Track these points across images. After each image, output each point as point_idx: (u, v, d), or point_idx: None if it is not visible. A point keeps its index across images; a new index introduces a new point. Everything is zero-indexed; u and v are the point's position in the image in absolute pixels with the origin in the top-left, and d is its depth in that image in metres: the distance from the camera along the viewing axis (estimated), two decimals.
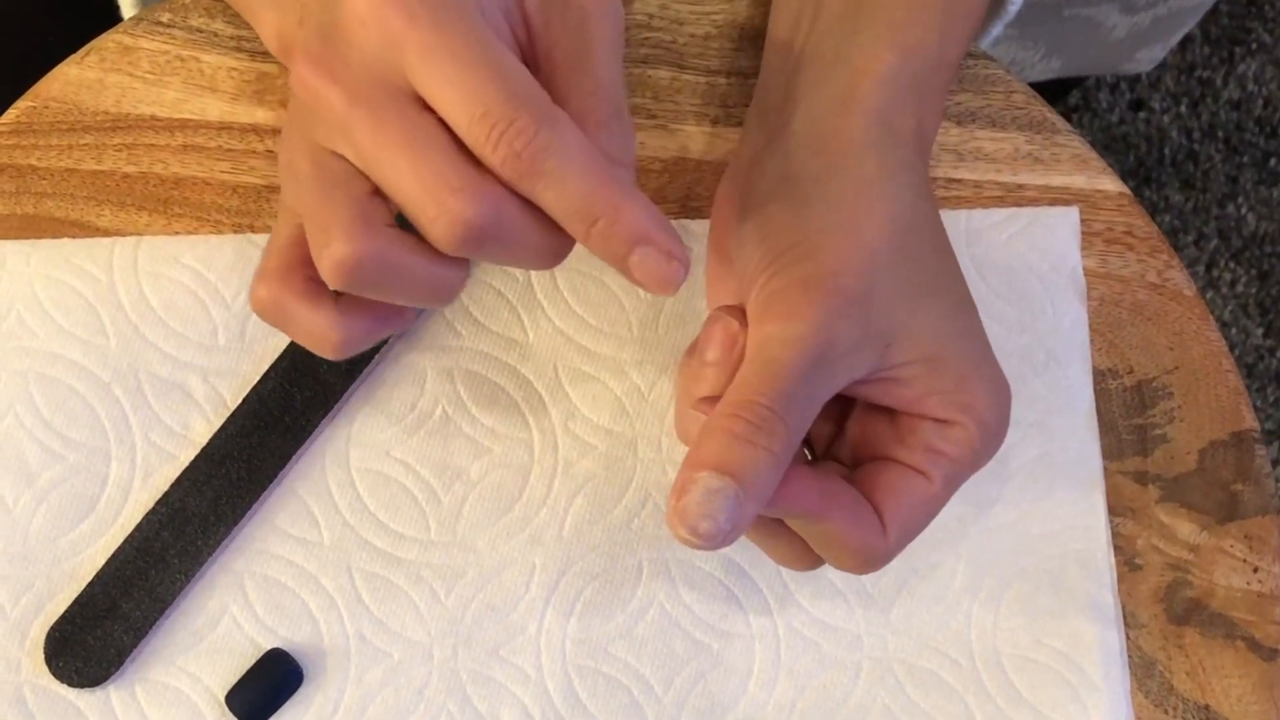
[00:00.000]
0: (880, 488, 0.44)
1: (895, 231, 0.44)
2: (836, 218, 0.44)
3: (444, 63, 0.37)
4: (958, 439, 0.44)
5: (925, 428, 0.44)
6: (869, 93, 0.46)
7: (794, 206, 0.45)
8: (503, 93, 0.37)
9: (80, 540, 0.51)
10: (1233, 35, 1.34)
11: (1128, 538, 0.54)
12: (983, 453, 0.45)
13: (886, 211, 0.44)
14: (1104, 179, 0.56)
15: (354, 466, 0.52)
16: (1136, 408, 0.55)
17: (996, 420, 0.45)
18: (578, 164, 0.38)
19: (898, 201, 0.45)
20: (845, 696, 0.52)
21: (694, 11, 0.57)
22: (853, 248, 0.44)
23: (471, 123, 0.37)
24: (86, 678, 0.50)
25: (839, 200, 0.45)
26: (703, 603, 0.52)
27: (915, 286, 0.44)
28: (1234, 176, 1.31)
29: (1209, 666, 0.53)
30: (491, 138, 0.37)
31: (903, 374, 0.44)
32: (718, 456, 0.40)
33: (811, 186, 0.45)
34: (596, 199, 0.38)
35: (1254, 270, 1.30)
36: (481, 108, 0.37)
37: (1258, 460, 0.54)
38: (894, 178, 0.45)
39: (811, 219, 0.44)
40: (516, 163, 0.37)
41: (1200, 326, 0.55)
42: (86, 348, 0.52)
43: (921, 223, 0.46)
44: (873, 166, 0.45)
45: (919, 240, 0.45)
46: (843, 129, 0.46)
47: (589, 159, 0.38)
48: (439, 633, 0.51)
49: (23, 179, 0.54)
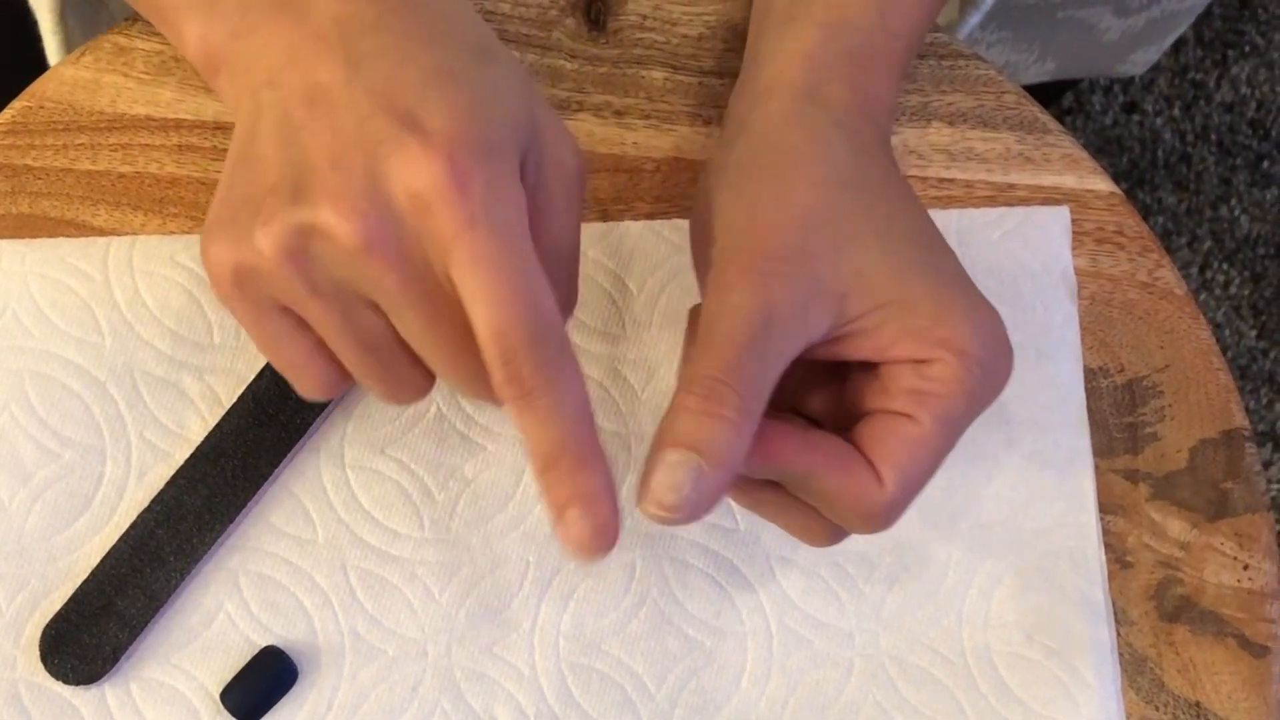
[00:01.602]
0: (867, 438, 0.43)
1: (829, 189, 0.45)
2: (765, 190, 0.45)
3: (487, 276, 0.39)
4: (939, 375, 0.43)
5: (904, 371, 0.43)
6: (794, 72, 0.48)
7: (730, 193, 0.46)
8: (529, 323, 0.39)
9: (75, 538, 0.51)
10: (1225, 38, 1.35)
11: (1118, 535, 0.54)
12: (976, 387, 0.43)
13: (815, 173, 0.45)
14: (1095, 179, 0.57)
15: (348, 464, 0.52)
16: (1127, 406, 0.55)
17: (982, 349, 0.43)
18: (566, 415, 0.40)
19: (827, 162, 0.46)
20: (837, 693, 0.52)
21: (687, 13, 0.57)
22: (781, 212, 0.44)
23: (492, 338, 0.39)
24: (82, 675, 0.50)
25: (766, 174, 0.45)
26: (695, 600, 0.52)
27: (863, 236, 0.44)
28: (1227, 179, 1.32)
29: (1200, 663, 0.53)
30: (503, 356, 0.39)
31: (867, 323, 0.43)
32: (675, 433, 0.41)
33: (744, 170, 0.46)
34: (566, 448, 0.40)
35: (1247, 272, 1.30)
36: (504, 328, 0.39)
37: (1248, 458, 0.55)
38: (821, 141, 0.46)
39: (742, 198, 0.45)
40: (516, 387, 0.39)
41: (1190, 325, 0.55)
42: (82, 346, 0.53)
43: (863, 176, 0.46)
44: (797, 137, 0.46)
45: (861, 192, 0.45)
46: (770, 110, 0.47)
47: (578, 413, 0.40)
48: (433, 630, 0.52)
49: (18, 179, 0.54)
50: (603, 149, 0.56)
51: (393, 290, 0.40)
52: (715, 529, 0.53)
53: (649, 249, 0.55)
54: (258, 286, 0.41)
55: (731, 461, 0.41)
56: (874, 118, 0.48)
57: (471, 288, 0.39)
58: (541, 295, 0.39)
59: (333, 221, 0.39)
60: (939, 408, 0.43)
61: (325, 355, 0.43)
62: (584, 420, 0.40)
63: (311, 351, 0.43)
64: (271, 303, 0.42)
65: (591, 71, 0.56)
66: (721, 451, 0.41)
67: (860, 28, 0.49)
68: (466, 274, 0.39)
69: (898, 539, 0.53)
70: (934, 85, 0.57)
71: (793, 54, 0.49)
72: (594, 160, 0.55)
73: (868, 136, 0.47)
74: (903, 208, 0.46)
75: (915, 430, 0.43)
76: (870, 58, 0.49)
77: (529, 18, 0.57)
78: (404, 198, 0.39)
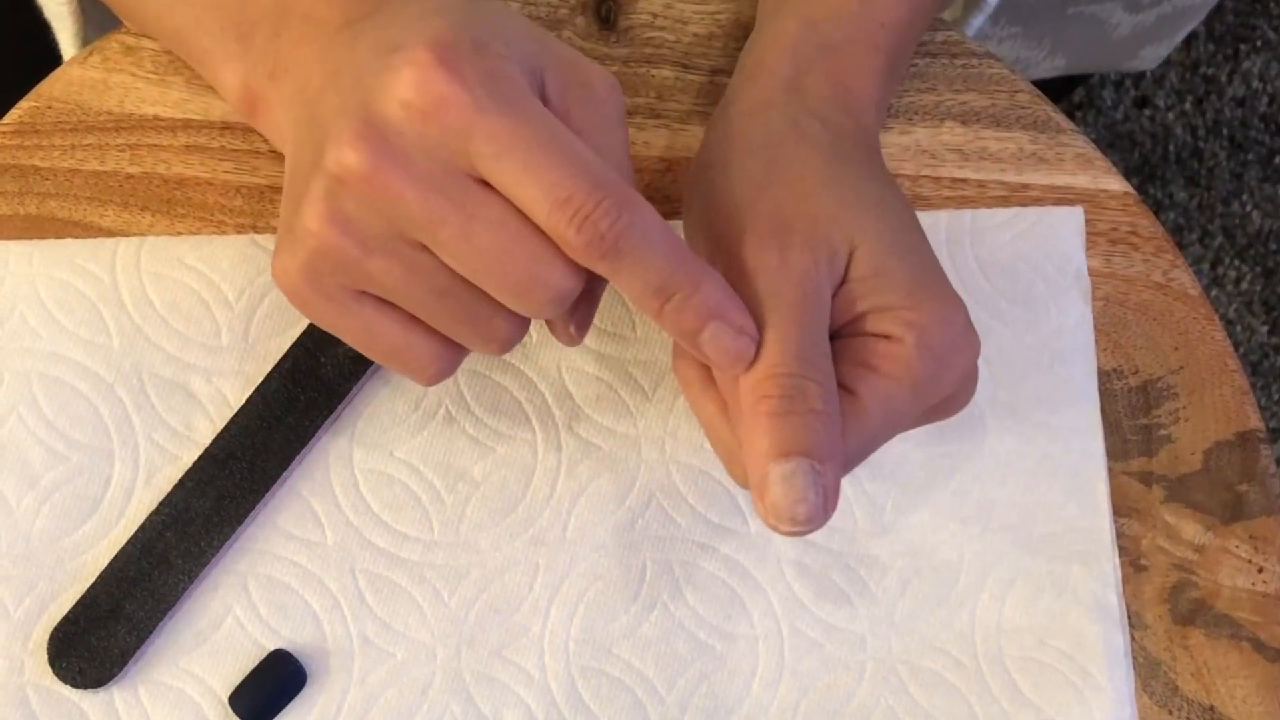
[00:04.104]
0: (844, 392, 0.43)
1: (818, 164, 0.45)
2: (757, 167, 0.45)
3: (519, 152, 0.38)
4: (892, 354, 0.42)
5: (861, 343, 0.43)
6: (773, 61, 0.48)
7: (715, 180, 0.45)
8: (584, 179, 0.38)
9: (83, 541, 0.51)
10: (1237, 32, 1.34)
11: (1132, 538, 0.53)
12: (924, 377, 0.43)
13: (802, 151, 0.45)
14: (1109, 179, 0.56)
15: (357, 467, 0.52)
16: (1141, 408, 0.54)
17: (941, 340, 0.43)
18: (659, 244, 0.39)
19: (809, 143, 0.46)
20: (849, 697, 0.52)
21: (698, 11, 0.57)
22: (777, 183, 0.44)
23: (553, 209, 0.38)
24: (90, 679, 0.50)
25: (756, 154, 0.45)
26: (706, 604, 0.52)
27: (856, 202, 0.44)
28: (1239, 174, 1.31)
29: (1214, 667, 0.53)
30: (574, 221, 0.38)
31: (856, 289, 0.43)
32: (773, 444, 0.40)
33: (729, 154, 0.46)
34: (675, 276, 0.39)
35: (1259, 268, 1.30)
36: (565, 193, 0.38)
37: (1263, 461, 0.54)
38: (801, 127, 0.46)
39: (737, 177, 0.45)
40: (600, 244, 0.38)
41: (1205, 327, 0.55)
42: (90, 348, 0.52)
43: (846, 156, 0.46)
44: (780, 120, 0.46)
45: (846, 168, 0.46)
46: (754, 95, 0.48)
47: (668, 238, 0.39)
48: (442, 633, 0.51)
49: (26, 179, 0.54)
50: None
51: (417, 213, 0.39)
52: (725, 531, 0.52)
53: None
54: (324, 276, 0.41)
55: (839, 450, 0.40)
56: (854, 112, 0.48)
57: (509, 172, 0.38)
58: (583, 154, 0.38)
59: (343, 163, 0.39)
60: (882, 388, 0.42)
61: (420, 329, 0.42)
62: (678, 243, 0.39)
63: (405, 326, 0.42)
64: (346, 290, 0.42)
65: None
66: (828, 446, 0.40)
67: (842, 19, 0.49)
68: (499, 162, 0.38)
69: (910, 542, 0.53)
70: (947, 84, 0.57)
71: (774, 46, 0.49)
72: None
73: (847, 129, 0.47)
74: (888, 189, 0.46)
75: (854, 405, 0.42)
76: (851, 51, 0.49)
77: (539, 16, 0.56)
78: (399, 110, 0.38)
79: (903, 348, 0.42)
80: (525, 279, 0.40)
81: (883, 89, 0.50)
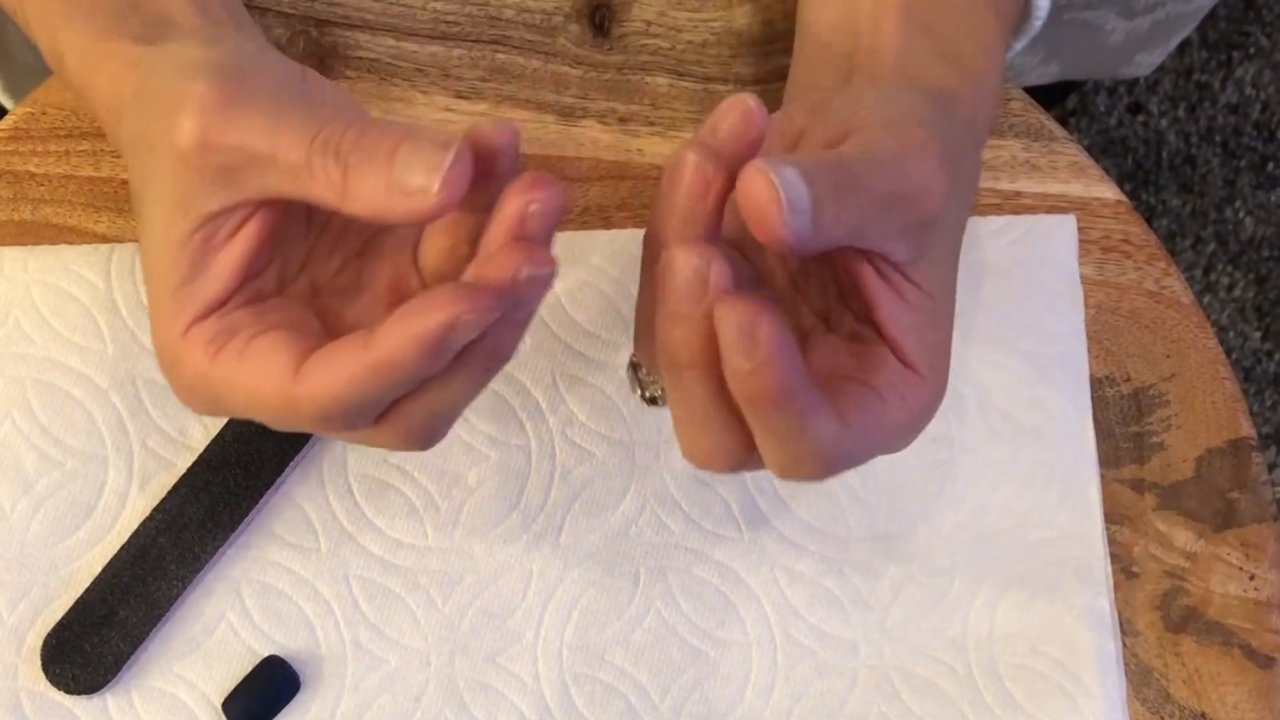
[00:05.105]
0: (844, 396, 0.42)
1: (965, 207, 0.45)
2: (944, 120, 0.44)
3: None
4: (917, 389, 0.42)
5: (892, 365, 0.42)
6: (963, 110, 0.47)
7: (923, 103, 0.44)
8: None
9: (77, 547, 0.51)
10: (1230, 39, 1.34)
11: (1124, 545, 0.54)
12: (909, 426, 0.43)
13: (970, 191, 0.45)
14: (1101, 187, 0.56)
15: (351, 473, 0.52)
16: (1133, 415, 0.55)
17: (929, 406, 0.43)
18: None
19: (972, 193, 0.46)
20: (841, 704, 0.52)
21: (692, 19, 0.57)
22: (961, 167, 0.44)
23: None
24: (83, 684, 0.50)
25: (942, 123, 0.44)
26: (700, 610, 0.52)
27: (952, 252, 0.44)
28: (1231, 180, 1.31)
29: (1205, 674, 0.53)
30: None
31: (910, 294, 0.42)
32: (807, 165, 0.38)
33: (922, 101, 0.44)
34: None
35: (1251, 274, 1.30)
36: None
37: (1254, 468, 0.54)
38: (974, 179, 0.46)
39: (923, 110, 0.43)
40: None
41: (1197, 334, 0.55)
42: (84, 354, 0.52)
43: (965, 206, 0.46)
44: (971, 161, 0.46)
45: (961, 211, 0.45)
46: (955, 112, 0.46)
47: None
48: (436, 639, 0.51)
49: (20, 185, 0.54)
50: (607, 156, 0.55)
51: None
52: (719, 538, 0.52)
53: None
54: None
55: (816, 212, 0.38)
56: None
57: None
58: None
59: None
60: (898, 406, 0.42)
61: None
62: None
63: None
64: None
65: (596, 78, 0.56)
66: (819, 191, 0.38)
67: (992, 87, 0.49)
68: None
69: (903, 549, 0.53)
70: None
71: (963, 75, 0.48)
72: (598, 167, 0.55)
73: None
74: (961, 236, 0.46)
75: (884, 412, 0.42)
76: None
77: (533, 24, 0.56)
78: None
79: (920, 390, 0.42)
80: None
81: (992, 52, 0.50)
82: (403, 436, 0.42)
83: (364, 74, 0.55)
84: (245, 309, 0.42)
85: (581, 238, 0.54)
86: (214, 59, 0.41)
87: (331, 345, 0.40)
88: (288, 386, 0.40)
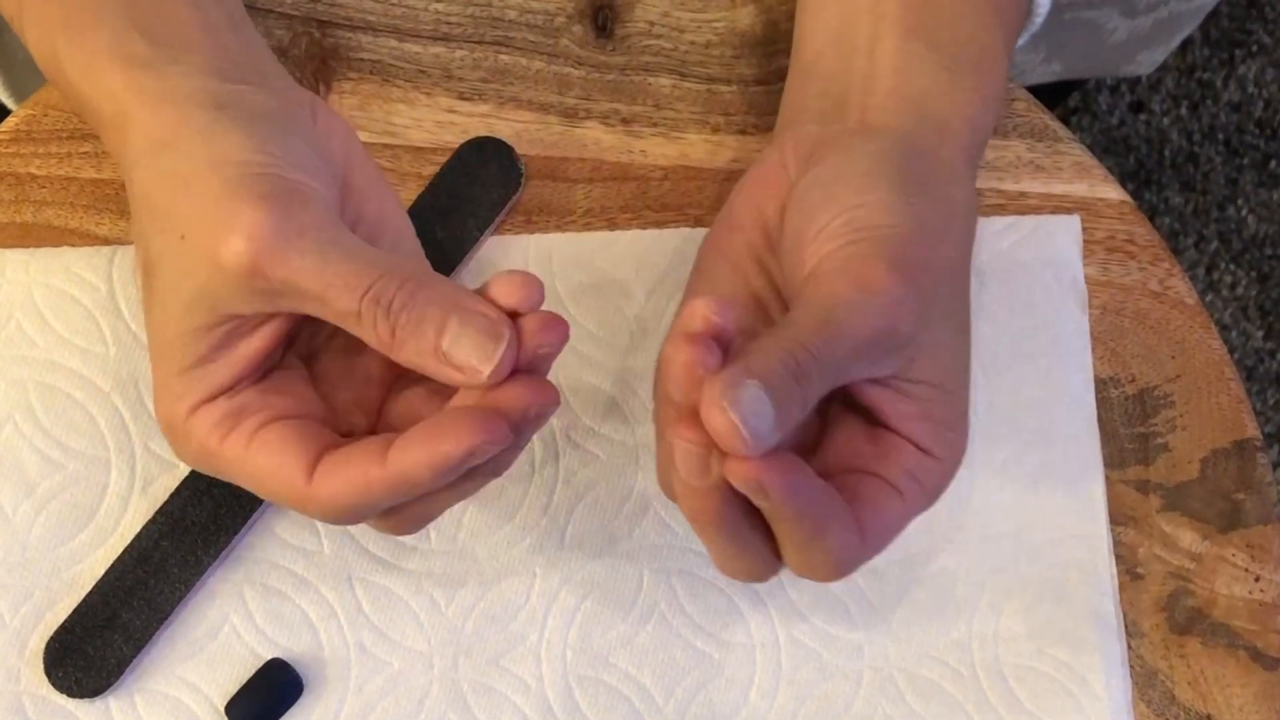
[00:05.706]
0: (860, 498, 0.43)
1: (958, 257, 0.46)
2: (932, 221, 0.44)
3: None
4: (934, 472, 0.44)
5: (909, 452, 0.44)
6: (961, 130, 0.48)
7: (889, 192, 0.44)
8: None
9: (80, 549, 0.51)
10: (1233, 37, 1.34)
11: (1129, 547, 0.53)
12: (923, 508, 0.45)
13: (960, 236, 0.46)
14: (1105, 187, 0.56)
15: None
16: (1138, 416, 0.55)
17: (943, 484, 0.45)
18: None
19: (965, 233, 0.46)
20: (846, 706, 0.52)
21: (695, 19, 0.57)
22: (935, 253, 0.44)
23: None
24: (86, 688, 0.50)
25: (935, 208, 0.45)
26: (704, 612, 0.52)
27: (952, 313, 0.45)
28: (1234, 179, 1.31)
29: (1211, 676, 0.53)
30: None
31: (914, 390, 0.44)
32: (763, 370, 0.39)
33: (910, 185, 0.45)
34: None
35: (1254, 273, 1.30)
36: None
37: (1259, 469, 0.54)
38: (969, 212, 0.47)
39: (908, 212, 0.44)
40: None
41: (1202, 335, 0.55)
42: (86, 356, 0.52)
43: (967, 258, 0.47)
44: (960, 195, 0.46)
45: (964, 272, 0.46)
46: (942, 153, 0.47)
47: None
48: (439, 642, 0.51)
49: (22, 187, 0.54)
50: (610, 157, 0.55)
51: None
52: None
53: (656, 258, 0.54)
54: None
55: (787, 415, 0.39)
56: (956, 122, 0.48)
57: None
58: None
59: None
60: (919, 500, 0.44)
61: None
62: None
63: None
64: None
65: (599, 79, 0.56)
66: (785, 410, 0.39)
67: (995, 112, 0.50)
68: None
69: (907, 551, 0.53)
70: None
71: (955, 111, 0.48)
72: (601, 168, 0.55)
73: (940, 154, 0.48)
74: (967, 303, 0.47)
75: (903, 510, 0.44)
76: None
77: (536, 24, 0.56)
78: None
79: (941, 468, 0.44)
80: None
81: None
82: (394, 527, 0.45)
83: (366, 75, 0.55)
84: (252, 388, 0.43)
85: (584, 239, 0.54)
86: (255, 165, 0.42)
87: (345, 452, 0.42)
88: (301, 488, 0.42)
